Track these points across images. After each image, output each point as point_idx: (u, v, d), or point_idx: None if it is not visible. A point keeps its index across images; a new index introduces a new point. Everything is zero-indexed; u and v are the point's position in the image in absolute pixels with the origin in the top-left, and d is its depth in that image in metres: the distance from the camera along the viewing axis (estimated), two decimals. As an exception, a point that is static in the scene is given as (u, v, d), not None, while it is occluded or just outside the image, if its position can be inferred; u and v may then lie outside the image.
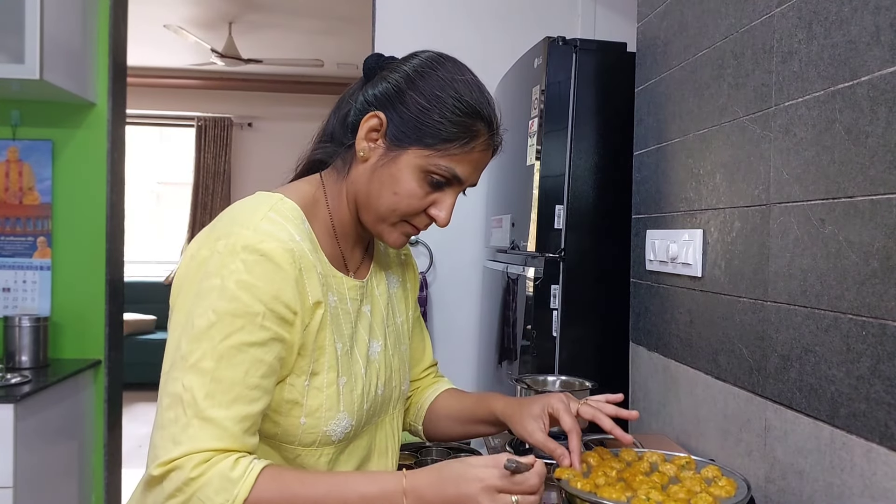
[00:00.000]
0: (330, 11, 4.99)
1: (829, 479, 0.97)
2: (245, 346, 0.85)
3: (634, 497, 0.94)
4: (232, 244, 0.87)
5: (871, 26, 0.90)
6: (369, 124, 0.97)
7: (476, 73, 1.00)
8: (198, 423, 0.83)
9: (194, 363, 0.84)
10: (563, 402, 1.07)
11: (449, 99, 0.95)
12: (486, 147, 0.98)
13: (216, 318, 0.85)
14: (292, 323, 0.89)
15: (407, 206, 0.97)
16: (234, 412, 0.84)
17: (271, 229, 0.90)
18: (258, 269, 0.86)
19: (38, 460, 2.28)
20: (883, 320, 0.87)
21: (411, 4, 2.50)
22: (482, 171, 1.01)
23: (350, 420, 0.97)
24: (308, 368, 0.93)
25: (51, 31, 2.29)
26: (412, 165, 0.95)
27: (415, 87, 0.96)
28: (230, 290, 0.85)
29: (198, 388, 0.83)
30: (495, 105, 1.00)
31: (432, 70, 0.97)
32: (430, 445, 1.67)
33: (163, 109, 6.95)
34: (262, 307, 0.86)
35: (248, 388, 0.85)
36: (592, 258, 1.77)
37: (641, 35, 1.67)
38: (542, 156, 1.76)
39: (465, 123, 0.95)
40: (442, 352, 2.50)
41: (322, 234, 0.99)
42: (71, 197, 2.69)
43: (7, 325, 2.50)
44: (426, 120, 0.94)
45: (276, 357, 0.88)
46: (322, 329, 0.94)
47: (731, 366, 1.23)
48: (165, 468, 0.82)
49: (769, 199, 1.12)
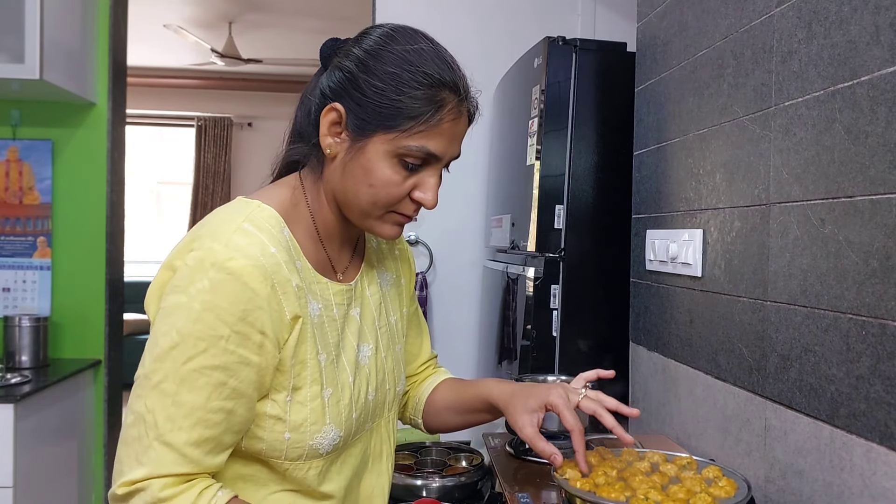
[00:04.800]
0: (330, 11, 4.99)
1: (829, 478, 0.97)
2: (207, 370, 0.83)
3: (633, 497, 0.94)
4: (201, 259, 0.84)
5: (870, 26, 0.90)
6: (329, 118, 0.91)
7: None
8: (158, 446, 0.82)
9: (156, 384, 0.83)
10: (562, 399, 1.02)
11: (405, 74, 0.88)
12: (457, 115, 0.91)
13: (179, 339, 0.83)
14: (261, 344, 0.85)
15: (387, 196, 0.91)
16: (194, 436, 0.83)
17: (243, 243, 0.85)
18: (225, 288, 0.82)
19: (38, 460, 2.28)
20: (883, 320, 0.87)
21: (411, 5, 2.50)
22: (461, 140, 0.94)
23: (338, 432, 0.94)
24: (289, 384, 0.89)
25: (51, 31, 2.29)
26: (381, 152, 0.89)
27: (367, 69, 0.90)
28: (195, 310, 0.82)
29: (159, 410, 0.82)
30: (459, 68, 0.93)
31: (383, 48, 0.91)
32: (429, 445, 1.67)
33: (163, 109, 6.95)
34: (227, 329, 0.83)
35: (209, 412, 0.83)
36: (592, 258, 1.77)
37: (641, 35, 1.67)
38: (542, 156, 1.76)
39: (427, 96, 0.88)
40: (442, 352, 2.49)
41: (305, 240, 0.95)
42: (71, 197, 2.69)
43: (7, 325, 2.50)
44: (385, 102, 0.88)
45: (242, 381, 0.85)
46: (302, 343, 0.90)
47: (730, 365, 1.23)
48: (129, 488, 0.82)
49: (769, 198, 1.12)
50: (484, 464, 1.55)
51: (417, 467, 1.57)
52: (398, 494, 1.46)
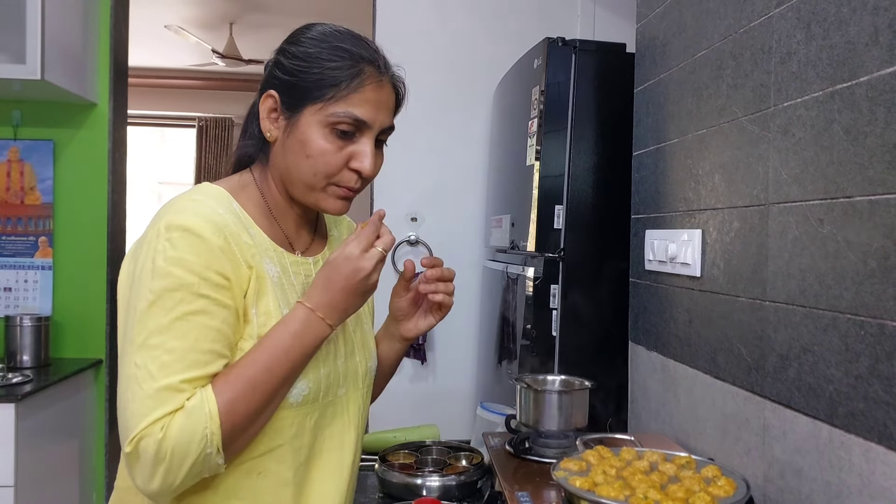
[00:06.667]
0: (330, 12, 4.99)
1: (828, 478, 0.97)
2: (188, 316, 0.87)
3: (633, 496, 0.94)
4: (157, 228, 0.91)
5: (869, 27, 0.91)
6: (266, 105, 1.01)
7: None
8: (155, 393, 0.85)
9: (143, 342, 0.87)
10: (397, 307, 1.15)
11: (323, 51, 0.98)
12: (378, 83, 0.99)
13: (154, 296, 0.87)
14: (229, 289, 0.91)
15: (325, 165, 0.98)
16: (189, 375, 0.86)
17: (192, 206, 0.93)
18: (183, 242, 0.89)
19: (39, 459, 2.28)
20: (881, 320, 0.87)
21: (411, 5, 2.50)
22: (389, 111, 1.02)
23: (307, 383, 0.98)
24: (255, 333, 0.94)
25: (52, 32, 2.29)
26: (312, 123, 0.97)
27: (290, 54, 1.00)
28: (161, 267, 0.88)
29: (151, 361, 0.86)
30: (378, 48, 1.02)
31: (302, 34, 1.01)
32: (429, 444, 1.68)
33: (164, 110, 6.95)
34: (195, 278, 0.88)
35: (201, 352, 0.88)
36: (592, 258, 1.78)
37: (640, 36, 1.67)
38: (542, 156, 1.76)
39: (346, 65, 0.97)
40: (442, 351, 2.51)
41: (257, 215, 1.02)
42: (72, 197, 2.69)
43: (8, 325, 2.51)
44: (308, 77, 0.97)
45: (223, 322, 0.90)
46: (263, 295, 0.96)
47: (729, 365, 1.24)
48: (133, 443, 0.84)
49: (768, 199, 1.13)
50: (484, 463, 1.55)
51: (417, 466, 1.57)
52: (398, 494, 1.46)
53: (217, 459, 0.88)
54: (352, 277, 0.96)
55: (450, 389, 2.48)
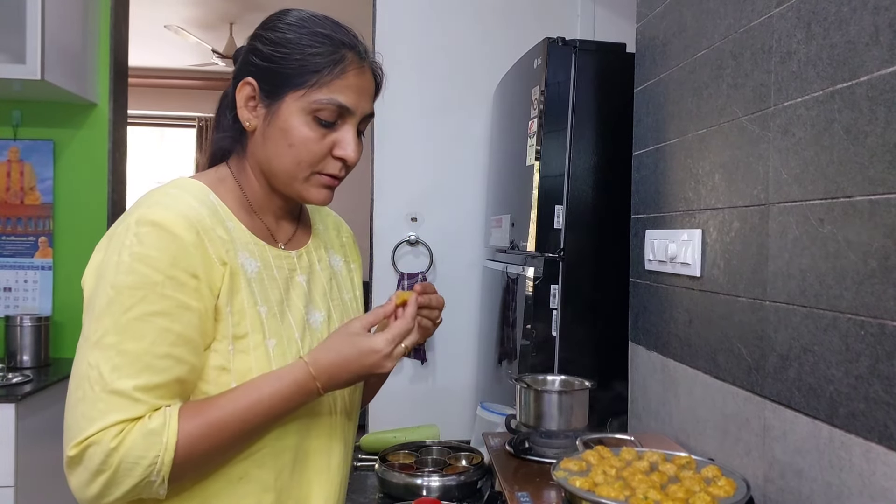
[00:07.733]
0: (330, 11, 4.97)
1: (828, 478, 0.97)
2: (147, 317, 0.84)
3: (633, 496, 0.94)
4: (127, 222, 0.88)
5: (870, 26, 0.90)
6: (243, 94, 0.98)
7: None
8: (106, 396, 0.81)
9: (97, 340, 0.83)
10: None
11: (304, 38, 0.96)
12: (360, 70, 0.98)
13: (115, 292, 0.84)
14: (196, 289, 0.87)
15: (308, 154, 0.96)
16: (142, 381, 0.83)
17: (165, 200, 0.90)
18: (150, 238, 0.85)
19: (39, 459, 2.28)
20: (882, 320, 0.87)
21: (411, 5, 2.50)
22: (370, 97, 1.01)
23: None
24: (229, 332, 0.91)
25: (52, 32, 2.29)
26: (295, 111, 0.95)
27: (267, 40, 0.97)
28: (125, 263, 0.84)
29: (103, 363, 0.82)
30: (356, 34, 1.01)
31: (278, 20, 0.99)
32: (429, 444, 1.68)
33: (164, 110, 6.95)
34: (160, 276, 0.85)
35: (156, 357, 0.84)
36: (592, 258, 1.78)
37: (640, 36, 1.67)
38: (542, 156, 1.76)
39: (327, 51, 0.95)
40: (442, 351, 2.51)
41: (236, 208, 0.99)
42: (72, 197, 2.69)
43: (8, 325, 2.51)
44: (289, 63, 0.95)
45: (187, 325, 0.86)
46: (236, 292, 0.92)
47: (729, 365, 1.24)
48: (81, 447, 0.81)
49: (768, 199, 1.13)
50: (484, 463, 1.55)
51: (417, 466, 1.57)
52: (398, 494, 1.46)
53: (159, 489, 0.84)
54: (370, 369, 0.93)
55: (450, 389, 2.48)
